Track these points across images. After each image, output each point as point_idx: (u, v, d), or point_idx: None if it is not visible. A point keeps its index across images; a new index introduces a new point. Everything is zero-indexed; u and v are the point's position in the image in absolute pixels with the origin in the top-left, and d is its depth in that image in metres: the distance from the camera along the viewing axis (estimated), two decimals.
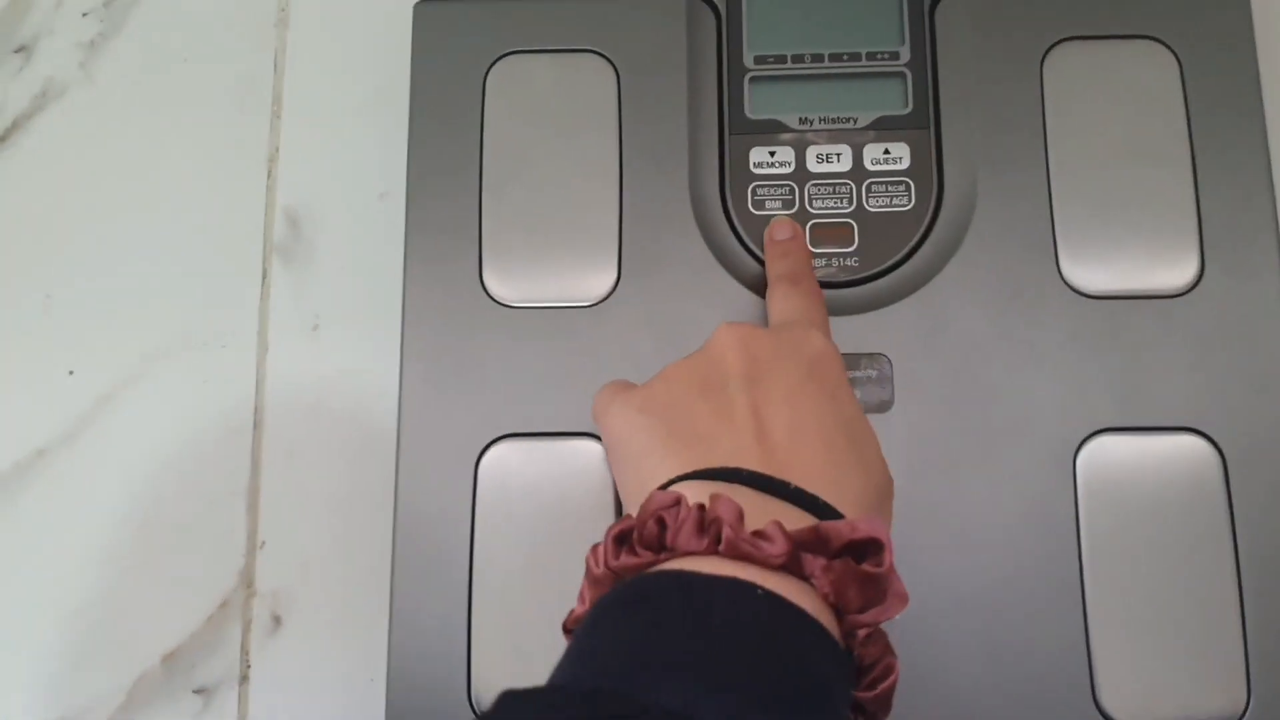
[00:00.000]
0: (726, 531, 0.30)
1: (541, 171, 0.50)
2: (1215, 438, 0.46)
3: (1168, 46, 0.49)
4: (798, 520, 0.32)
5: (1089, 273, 0.47)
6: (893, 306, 0.48)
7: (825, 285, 0.48)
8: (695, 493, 0.33)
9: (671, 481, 0.34)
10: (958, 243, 0.48)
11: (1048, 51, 0.50)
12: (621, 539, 0.33)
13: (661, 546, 0.31)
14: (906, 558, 0.36)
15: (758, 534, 0.30)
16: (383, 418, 0.51)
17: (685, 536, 0.31)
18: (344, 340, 0.54)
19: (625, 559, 0.32)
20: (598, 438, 0.45)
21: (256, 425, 0.53)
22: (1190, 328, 0.47)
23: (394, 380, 0.48)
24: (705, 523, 0.31)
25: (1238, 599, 0.44)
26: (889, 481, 0.38)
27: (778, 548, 0.30)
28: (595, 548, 0.33)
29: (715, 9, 0.51)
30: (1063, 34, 0.50)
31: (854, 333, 0.47)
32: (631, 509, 0.35)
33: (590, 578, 0.33)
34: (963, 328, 0.47)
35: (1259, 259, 0.47)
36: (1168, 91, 0.49)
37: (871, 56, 0.50)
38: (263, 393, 0.53)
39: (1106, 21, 0.50)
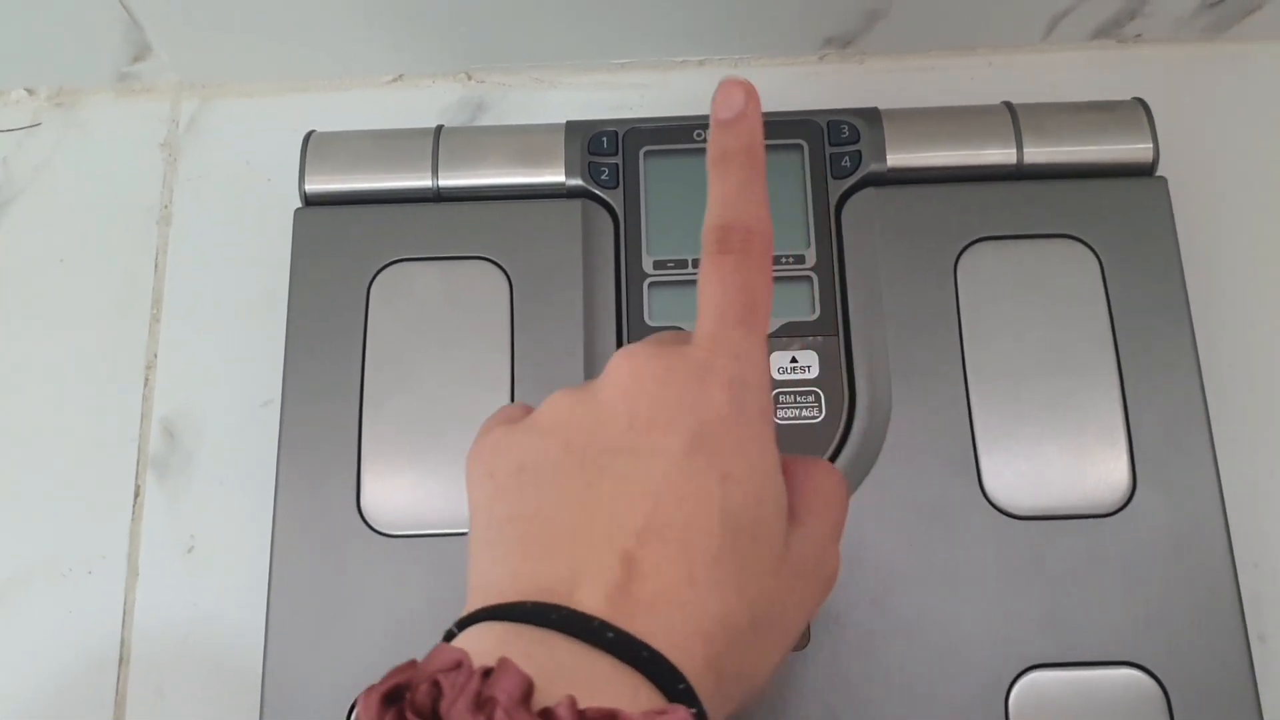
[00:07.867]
0: (499, 716, 0.26)
1: (427, 384, 0.46)
2: (1157, 672, 0.42)
3: (1088, 245, 0.47)
4: (612, 679, 0.28)
5: (1014, 491, 0.44)
6: None
7: None
8: (497, 641, 0.29)
9: (479, 614, 0.30)
10: (873, 458, 0.45)
11: (961, 252, 0.47)
12: (391, 698, 0.28)
13: (435, 718, 0.27)
14: None
15: (545, 713, 0.26)
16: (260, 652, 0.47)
17: (460, 712, 0.26)
18: (222, 562, 0.49)
19: None
20: None
21: (123, 660, 0.48)
22: (1123, 550, 0.43)
23: None
24: (480, 700, 0.26)
25: None
26: (785, 592, 0.31)
27: None
28: (369, 693, 0.28)
29: (612, 212, 0.49)
30: (977, 233, 0.47)
31: None
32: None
33: None
34: (882, 553, 0.44)
35: (1192, 473, 0.44)
36: (1089, 293, 0.46)
37: (775, 260, 0.47)
38: (130, 624, 0.49)
39: (1022, 220, 0.47)
